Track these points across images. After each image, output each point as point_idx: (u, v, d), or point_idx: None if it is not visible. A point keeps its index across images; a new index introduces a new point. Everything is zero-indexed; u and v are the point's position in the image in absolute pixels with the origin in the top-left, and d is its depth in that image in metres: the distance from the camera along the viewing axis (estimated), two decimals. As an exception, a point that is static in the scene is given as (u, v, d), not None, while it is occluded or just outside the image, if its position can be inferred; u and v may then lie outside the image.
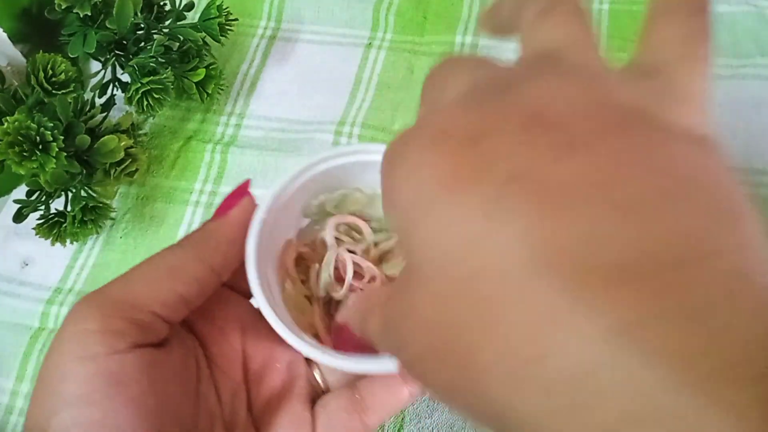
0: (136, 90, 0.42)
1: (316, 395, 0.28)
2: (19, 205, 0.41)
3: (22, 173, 0.37)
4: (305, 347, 0.24)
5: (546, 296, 0.12)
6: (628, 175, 0.12)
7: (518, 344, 0.12)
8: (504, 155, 0.13)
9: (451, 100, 0.16)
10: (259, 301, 0.25)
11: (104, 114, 0.43)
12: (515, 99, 0.14)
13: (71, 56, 0.42)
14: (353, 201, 0.30)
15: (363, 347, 0.23)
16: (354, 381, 0.28)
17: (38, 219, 0.41)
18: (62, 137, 0.37)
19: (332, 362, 0.24)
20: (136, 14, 0.42)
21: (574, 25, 0.16)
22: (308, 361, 0.29)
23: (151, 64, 0.43)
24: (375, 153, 0.28)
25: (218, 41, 0.46)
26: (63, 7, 0.41)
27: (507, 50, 0.47)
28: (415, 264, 0.15)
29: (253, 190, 0.27)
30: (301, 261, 0.30)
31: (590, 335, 0.11)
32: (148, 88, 0.42)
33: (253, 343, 0.27)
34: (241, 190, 0.26)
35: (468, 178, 0.13)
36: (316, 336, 0.28)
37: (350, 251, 0.29)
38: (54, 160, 0.36)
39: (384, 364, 0.24)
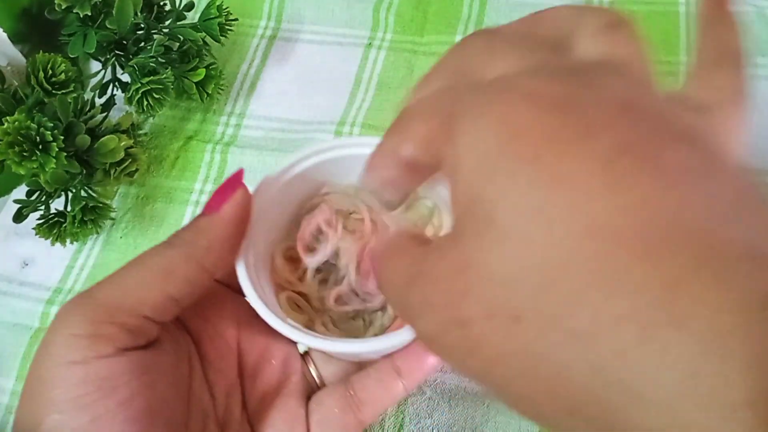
0: (136, 90, 0.42)
1: (311, 391, 0.28)
2: (19, 205, 0.41)
3: (22, 173, 0.37)
4: (294, 332, 0.24)
5: (665, 267, 0.11)
6: (724, 174, 0.13)
7: (627, 312, 0.11)
8: (608, 126, 0.13)
9: (520, 71, 0.16)
10: (247, 292, 0.25)
11: (104, 114, 0.43)
12: (599, 83, 0.14)
13: (71, 56, 0.42)
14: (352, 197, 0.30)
15: None
16: (348, 376, 0.28)
17: (38, 219, 0.41)
18: (62, 137, 0.37)
19: (323, 345, 0.24)
20: (136, 14, 0.42)
21: (636, 46, 0.17)
22: (303, 357, 0.29)
23: (151, 64, 0.43)
24: (363, 146, 0.28)
25: (218, 41, 0.46)
26: (63, 7, 0.41)
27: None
28: (490, 218, 0.14)
29: (250, 186, 0.26)
30: (293, 260, 0.30)
31: (720, 306, 0.10)
32: (148, 88, 0.42)
33: (248, 339, 0.27)
34: (234, 181, 0.25)
35: (575, 138, 0.13)
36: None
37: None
38: (54, 160, 0.36)
39: (373, 345, 0.24)
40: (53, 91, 0.39)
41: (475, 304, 0.13)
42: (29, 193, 0.41)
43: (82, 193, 0.41)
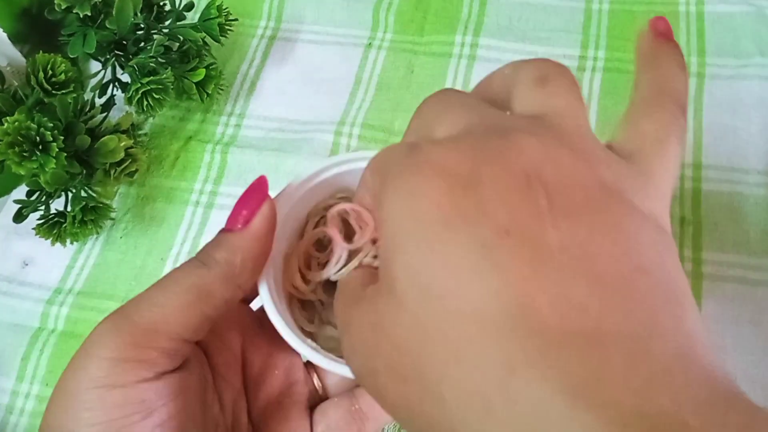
0: (136, 90, 0.42)
1: (314, 400, 0.28)
2: (19, 205, 0.41)
3: (22, 173, 0.37)
4: (307, 350, 0.24)
5: (509, 350, 0.13)
6: (609, 253, 0.14)
7: (477, 386, 0.13)
8: (502, 205, 0.15)
9: (448, 137, 0.17)
10: (265, 303, 0.25)
11: (104, 114, 0.43)
12: (514, 151, 0.16)
13: (71, 56, 0.42)
14: None
15: None
16: (353, 387, 0.27)
17: (38, 219, 0.41)
18: (62, 137, 0.37)
19: (334, 367, 0.24)
20: (136, 14, 0.42)
21: (569, 97, 0.18)
22: (307, 366, 0.29)
23: (151, 64, 0.43)
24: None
25: (218, 41, 0.46)
26: (63, 7, 0.41)
27: (507, 50, 0.47)
28: (394, 284, 0.16)
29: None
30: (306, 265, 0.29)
31: (538, 391, 0.12)
32: (148, 88, 0.42)
33: (251, 348, 0.27)
34: (258, 190, 0.24)
35: (466, 219, 0.15)
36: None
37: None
38: (54, 161, 0.36)
39: None
40: (53, 92, 0.39)
41: (380, 358, 0.16)
42: (29, 193, 0.41)
43: (82, 193, 0.41)
